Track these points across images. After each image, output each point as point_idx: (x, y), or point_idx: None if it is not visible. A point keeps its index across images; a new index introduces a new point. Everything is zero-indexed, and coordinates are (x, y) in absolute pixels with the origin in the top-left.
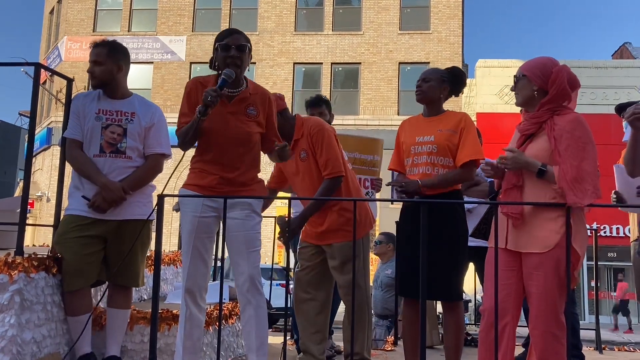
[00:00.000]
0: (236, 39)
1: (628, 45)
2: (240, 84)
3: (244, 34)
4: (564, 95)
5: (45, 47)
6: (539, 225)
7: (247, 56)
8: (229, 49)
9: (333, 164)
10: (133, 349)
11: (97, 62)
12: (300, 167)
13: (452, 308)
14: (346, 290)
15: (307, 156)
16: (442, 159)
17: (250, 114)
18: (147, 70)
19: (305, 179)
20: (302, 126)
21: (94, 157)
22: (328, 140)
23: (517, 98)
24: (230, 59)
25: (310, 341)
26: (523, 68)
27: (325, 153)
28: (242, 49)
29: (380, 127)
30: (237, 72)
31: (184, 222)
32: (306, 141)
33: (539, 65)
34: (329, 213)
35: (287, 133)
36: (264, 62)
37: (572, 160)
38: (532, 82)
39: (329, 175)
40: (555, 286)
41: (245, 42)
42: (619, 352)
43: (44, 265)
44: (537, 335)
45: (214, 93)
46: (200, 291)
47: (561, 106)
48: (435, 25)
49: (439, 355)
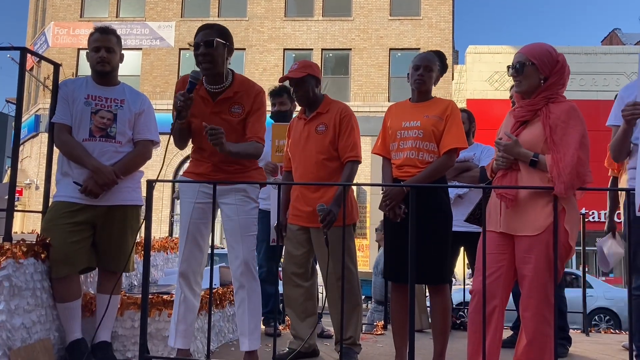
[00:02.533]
0: (205, 35)
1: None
2: (223, 80)
3: (217, 27)
4: (561, 84)
5: (32, 33)
6: (532, 208)
7: (220, 50)
8: (198, 47)
9: (358, 149)
10: (124, 335)
11: (110, 49)
12: (311, 137)
13: (438, 291)
14: (337, 276)
15: (325, 130)
16: (427, 144)
17: (234, 112)
18: (136, 57)
19: (311, 150)
20: (329, 104)
21: (84, 141)
22: (355, 126)
23: (520, 85)
24: (200, 57)
25: (301, 327)
26: (530, 55)
27: (352, 136)
28: (210, 45)
29: (370, 114)
30: (209, 67)
31: (182, 208)
32: (332, 118)
33: (546, 54)
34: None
35: (300, 97)
36: (253, 48)
37: (565, 149)
38: (539, 71)
39: (352, 158)
40: (545, 269)
41: (215, 37)
42: (605, 335)
43: (33, 252)
44: (527, 317)
45: (182, 98)
46: (195, 276)
47: (556, 94)
48: (425, 11)
49: (427, 338)
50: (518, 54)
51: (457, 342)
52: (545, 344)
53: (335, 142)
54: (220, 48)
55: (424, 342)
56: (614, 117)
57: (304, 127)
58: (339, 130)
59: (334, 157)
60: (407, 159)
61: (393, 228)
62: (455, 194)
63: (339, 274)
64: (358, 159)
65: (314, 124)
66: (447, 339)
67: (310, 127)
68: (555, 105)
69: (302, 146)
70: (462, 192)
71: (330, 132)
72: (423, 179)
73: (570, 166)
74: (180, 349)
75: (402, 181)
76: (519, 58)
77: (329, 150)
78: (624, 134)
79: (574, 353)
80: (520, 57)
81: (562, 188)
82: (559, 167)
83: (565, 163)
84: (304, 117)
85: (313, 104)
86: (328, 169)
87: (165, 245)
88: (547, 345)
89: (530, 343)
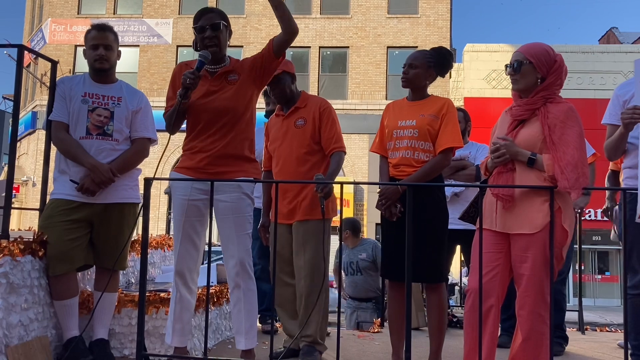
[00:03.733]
0: (209, 19)
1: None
2: (223, 61)
3: (218, 11)
4: (558, 83)
5: (29, 29)
6: (528, 207)
7: (224, 33)
8: (204, 30)
9: (341, 139)
10: (121, 332)
11: (107, 47)
12: (290, 132)
13: (434, 289)
14: (307, 272)
15: (305, 124)
16: (422, 143)
17: (231, 79)
18: (133, 54)
19: (291, 145)
20: (307, 99)
21: (80, 139)
22: (335, 118)
23: (517, 83)
24: (207, 40)
25: (292, 325)
26: (528, 53)
27: (334, 128)
28: (217, 27)
29: (368, 112)
30: (215, 51)
31: (174, 205)
32: (311, 112)
33: (544, 53)
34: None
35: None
36: (251, 45)
37: (565, 148)
38: (537, 70)
39: (337, 148)
40: (543, 267)
41: (219, 20)
42: (601, 333)
43: (30, 249)
44: (523, 315)
45: (192, 76)
46: (191, 274)
47: (554, 94)
48: (423, 9)
49: (424, 336)
50: (516, 52)
51: (454, 339)
52: (541, 342)
53: (316, 136)
54: (224, 31)
55: (420, 339)
56: (609, 116)
57: (282, 123)
58: (320, 123)
59: (315, 150)
60: (403, 158)
61: (389, 227)
62: (452, 192)
63: (308, 269)
64: (343, 150)
65: (293, 119)
66: (443, 336)
67: (288, 122)
68: (554, 105)
69: (281, 142)
70: (459, 191)
71: (309, 125)
72: (419, 178)
73: (572, 164)
74: (177, 347)
75: (398, 180)
76: (517, 57)
77: (310, 144)
78: (620, 137)
79: (570, 351)
80: (518, 55)
81: (566, 184)
82: (560, 165)
83: (567, 161)
84: (282, 114)
85: (290, 100)
86: (308, 163)
87: (163, 243)
88: (542, 343)
89: (526, 341)
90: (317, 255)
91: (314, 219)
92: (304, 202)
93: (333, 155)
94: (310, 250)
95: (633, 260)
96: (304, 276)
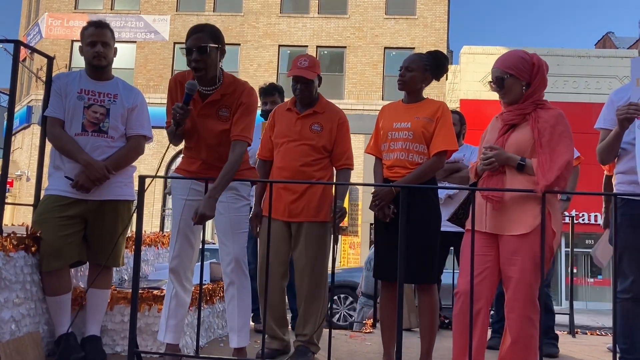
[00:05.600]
0: (197, 40)
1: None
2: (214, 82)
3: (209, 30)
4: (544, 84)
5: (25, 24)
6: (518, 209)
7: (213, 55)
8: (190, 52)
9: (351, 156)
10: (113, 329)
11: (105, 44)
12: (304, 133)
13: (426, 290)
14: (309, 273)
15: (321, 131)
16: (417, 145)
17: (221, 115)
18: (130, 50)
19: (302, 146)
20: (326, 105)
21: (76, 135)
22: (349, 135)
23: (505, 97)
24: (194, 63)
25: (278, 326)
26: (505, 67)
27: (347, 144)
28: (203, 51)
29: (364, 112)
30: (203, 74)
31: (173, 204)
32: (329, 122)
33: (520, 61)
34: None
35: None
36: (248, 43)
37: (551, 150)
38: (520, 79)
39: (346, 166)
40: (532, 270)
41: (207, 42)
42: (591, 336)
43: (23, 245)
44: (513, 318)
45: (181, 111)
46: (186, 272)
47: (543, 100)
48: (421, 11)
49: (415, 337)
50: (494, 69)
51: (445, 341)
52: (529, 344)
53: (328, 145)
54: (213, 53)
55: (412, 340)
56: (603, 120)
57: (296, 121)
58: (336, 137)
59: (322, 157)
60: (397, 160)
61: (382, 228)
62: (445, 195)
63: (311, 270)
64: (352, 167)
65: (309, 122)
66: (434, 338)
67: (303, 123)
68: (544, 111)
69: (292, 140)
70: (452, 193)
71: (325, 134)
72: (413, 180)
73: (557, 165)
74: (170, 343)
75: (392, 182)
76: (496, 73)
77: (320, 151)
78: (615, 137)
79: (560, 354)
80: (496, 72)
81: (544, 182)
82: (543, 168)
83: (552, 165)
84: (296, 111)
85: (312, 102)
86: (315, 167)
87: (157, 241)
88: (531, 345)
89: (514, 343)
90: (320, 256)
91: (319, 221)
92: (310, 202)
93: (342, 171)
94: (313, 252)
95: (623, 265)
96: (306, 277)
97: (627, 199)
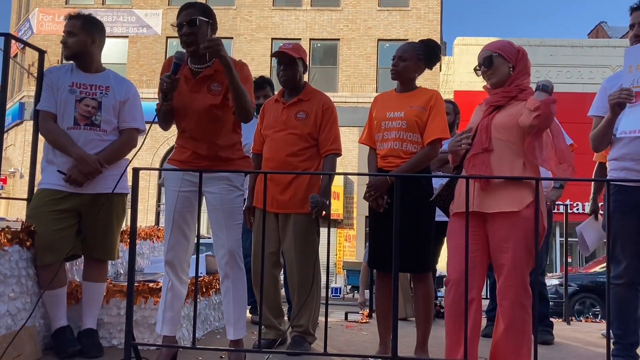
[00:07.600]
0: (187, 14)
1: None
2: (206, 60)
3: (199, 6)
4: (527, 72)
5: (16, 19)
6: (506, 187)
7: (204, 29)
8: (181, 27)
9: (339, 141)
10: (109, 322)
11: (70, 33)
12: (289, 122)
13: (421, 279)
14: (299, 264)
15: (306, 118)
16: (410, 134)
17: (213, 90)
18: (122, 45)
19: (288, 136)
20: (311, 92)
21: (68, 129)
22: (336, 119)
23: (492, 77)
24: (184, 37)
25: (273, 316)
26: (494, 48)
27: (334, 129)
28: (193, 24)
29: (358, 104)
30: (194, 49)
31: (166, 196)
32: (314, 108)
33: (507, 44)
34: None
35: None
36: (241, 37)
37: None
38: (507, 60)
39: (333, 151)
40: (524, 257)
41: (197, 15)
42: (585, 323)
43: (17, 239)
44: (505, 305)
45: (169, 80)
46: (181, 264)
47: (526, 82)
48: (414, 2)
49: (411, 327)
50: (482, 51)
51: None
52: (522, 330)
53: (314, 133)
54: (203, 27)
55: (407, 330)
56: (595, 108)
57: (282, 111)
58: (321, 122)
59: (309, 146)
60: (391, 149)
61: (377, 218)
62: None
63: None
64: (339, 152)
65: (294, 110)
66: (430, 327)
67: (289, 112)
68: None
69: (279, 130)
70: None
71: (310, 121)
72: (407, 170)
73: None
74: (167, 335)
75: (386, 172)
76: (485, 54)
77: (306, 139)
78: (607, 124)
79: (555, 342)
80: (485, 52)
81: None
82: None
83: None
84: (282, 101)
85: (295, 89)
86: (302, 156)
87: (151, 234)
88: (525, 330)
89: (507, 329)
90: (310, 247)
91: (306, 213)
92: (297, 194)
93: (327, 158)
94: (301, 244)
95: (616, 251)
96: (296, 269)
97: (620, 185)
